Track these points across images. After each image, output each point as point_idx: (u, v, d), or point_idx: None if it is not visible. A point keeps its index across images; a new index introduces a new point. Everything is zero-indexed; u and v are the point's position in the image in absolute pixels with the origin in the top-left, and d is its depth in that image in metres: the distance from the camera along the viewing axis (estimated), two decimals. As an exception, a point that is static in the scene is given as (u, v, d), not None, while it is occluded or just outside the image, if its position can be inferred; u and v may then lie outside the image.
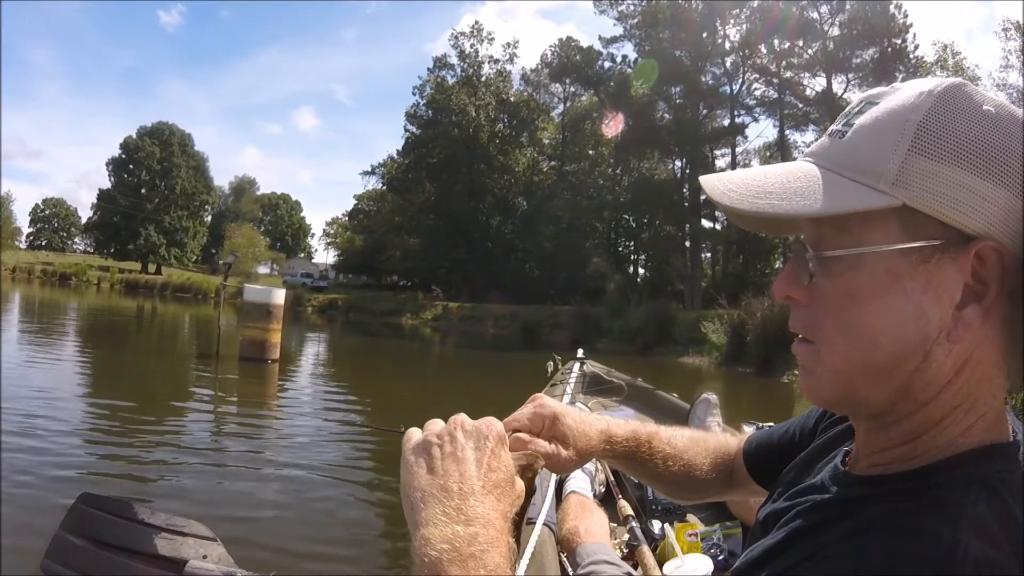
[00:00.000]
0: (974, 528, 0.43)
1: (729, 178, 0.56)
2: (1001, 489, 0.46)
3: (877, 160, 0.48)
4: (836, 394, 0.53)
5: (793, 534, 0.53)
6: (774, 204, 0.51)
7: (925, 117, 0.48)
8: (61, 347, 13.32)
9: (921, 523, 0.45)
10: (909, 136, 0.48)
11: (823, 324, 0.52)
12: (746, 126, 38.17)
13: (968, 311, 0.47)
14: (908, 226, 0.48)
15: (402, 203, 47.93)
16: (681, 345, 22.23)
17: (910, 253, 0.48)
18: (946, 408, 0.50)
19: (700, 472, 0.88)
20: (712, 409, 3.31)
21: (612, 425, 0.83)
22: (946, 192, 0.46)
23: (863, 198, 0.48)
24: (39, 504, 4.08)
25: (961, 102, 0.48)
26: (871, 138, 0.50)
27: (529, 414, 0.78)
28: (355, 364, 16.55)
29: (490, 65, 47.17)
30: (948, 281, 0.47)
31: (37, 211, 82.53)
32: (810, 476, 0.65)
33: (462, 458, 0.58)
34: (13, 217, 76.46)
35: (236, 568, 2.54)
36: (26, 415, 6.34)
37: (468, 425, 0.62)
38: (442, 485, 0.56)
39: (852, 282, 0.49)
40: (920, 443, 0.51)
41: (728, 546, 2.08)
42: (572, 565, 1.83)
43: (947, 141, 0.47)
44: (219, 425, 7.25)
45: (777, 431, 0.84)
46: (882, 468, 0.53)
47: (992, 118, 0.48)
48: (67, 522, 2.54)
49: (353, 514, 4.75)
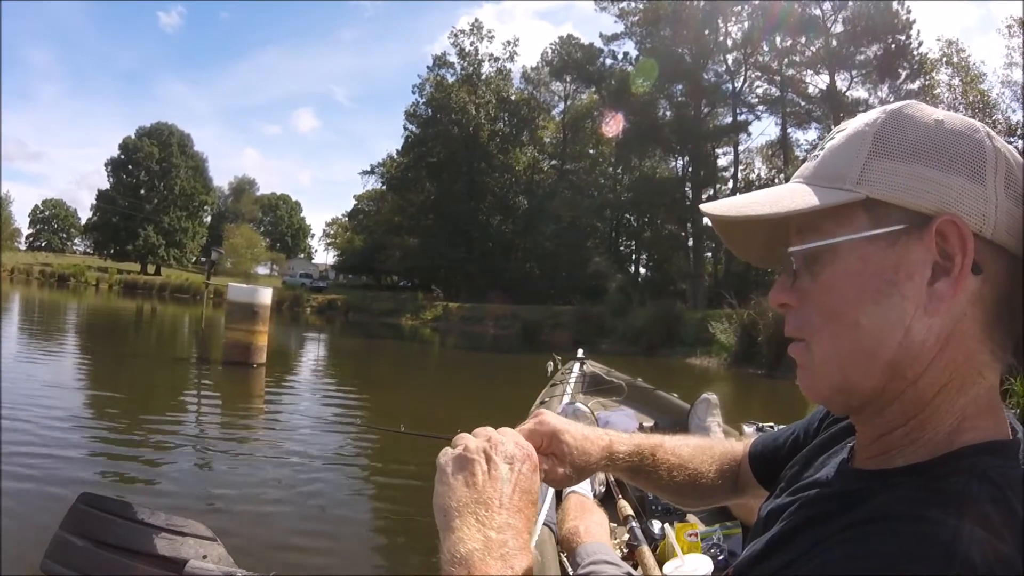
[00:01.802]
0: (976, 519, 0.44)
1: (729, 200, 0.62)
2: (1002, 483, 0.47)
3: (843, 167, 0.55)
4: (829, 384, 0.56)
5: (795, 527, 0.55)
6: (755, 208, 0.57)
7: (880, 128, 0.55)
8: (58, 347, 13.31)
9: (923, 514, 0.45)
10: (868, 143, 0.55)
11: (811, 320, 0.57)
12: (749, 123, 38.14)
13: (939, 284, 0.52)
14: (873, 216, 0.53)
15: (402, 203, 47.80)
16: (688, 346, 21.86)
17: (878, 239, 0.53)
18: (935, 384, 0.53)
19: (706, 480, 0.89)
20: (712, 409, 3.31)
21: (615, 441, 0.85)
22: (903, 183, 0.53)
23: (831, 196, 0.55)
24: (39, 504, 4.07)
25: (911, 113, 0.55)
26: (838, 151, 0.57)
27: (528, 430, 0.80)
28: (352, 366, 16.20)
29: (490, 63, 47.19)
30: (917, 261, 0.52)
31: (37, 212, 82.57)
32: (812, 471, 0.66)
33: (496, 477, 0.64)
34: (12, 218, 76.63)
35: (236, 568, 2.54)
36: (26, 415, 6.34)
37: (503, 447, 0.67)
38: (477, 499, 0.61)
39: (832, 275, 0.55)
40: (917, 424, 0.54)
41: (728, 546, 2.08)
42: (572, 565, 1.83)
43: (901, 143, 0.54)
44: (216, 426, 7.24)
45: (782, 434, 0.85)
46: (884, 460, 0.55)
47: (939, 122, 0.54)
48: (67, 522, 2.54)
49: (353, 514, 4.75)
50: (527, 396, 4.87)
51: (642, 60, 37.73)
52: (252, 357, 11.14)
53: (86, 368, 11.24)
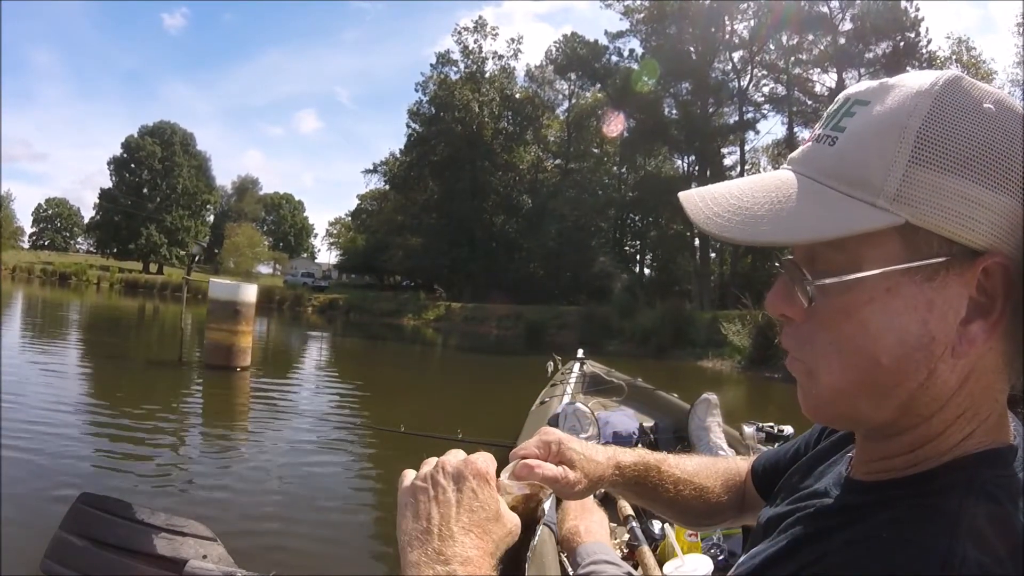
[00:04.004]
0: (971, 536, 0.43)
1: (712, 197, 0.52)
2: (999, 495, 0.45)
3: (875, 173, 0.45)
4: (835, 412, 0.52)
5: (794, 541, 0.53)
6: (765, 232, 0.47)
7: (924, 123, 0.45)
8: (57, 347, 13.33)
9: (919, 533, 0.44)
10: (909, 145, 0.45)
11: (818, 341, 0.50)
12: (757, 121, 37.86)
13: (974, 327, 0.45)
14: (911, 244, 0.45)
15: (404, 202, 47.68)
16: (699, 347, 21.27)
17: (914, 272, 0.45)
18: (949, 420, 0.49)
19: (712, 495, 0.87)
20: (712, 409, 3.30)
21: (618, 452, 0.83)
22: (950, 206, 0.44)
23: (863, 218, 0.45)
24: (39, 504, 4.08)
25: (960, 101, 0.45)
26: (866, 147, 0.46)
27: (535, 442, 0.77)
28: (350, 368, 15.87)
29: (494, 61, 46.94)
30: (953, 297, 0.45)
31: (40, 211, 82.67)
32: (812, 480, 0.65)
33: (442, 500, 0.59)
34: (14, 217, 76.76)
35: (236, 568, 2.55)
36: (26, 415, 6.35)
37: (449, 467, 0.62)
38: (424, 529, 0.58)
39: (851, 303, 0.47)
40: (921, 452, 0.50)
41: (728, 546, 2.08)
42: (572, 565, 1.83)
43: (949, 149, 0.44)
44: (216, 427, 7.25)
45: (784, 450, 0.83)
46: (883, 475, 0.52)
47: (992, 118, 0.45)
48: (67, 522, 2.55)
49: (353, 514, 4.76)
50: (532, 399, 4.87)
51: (645, 60, 37.66)
52: (235, 360, 10.40)
53: (85, 368, 11.23)
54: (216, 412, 8.09)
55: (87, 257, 67.97)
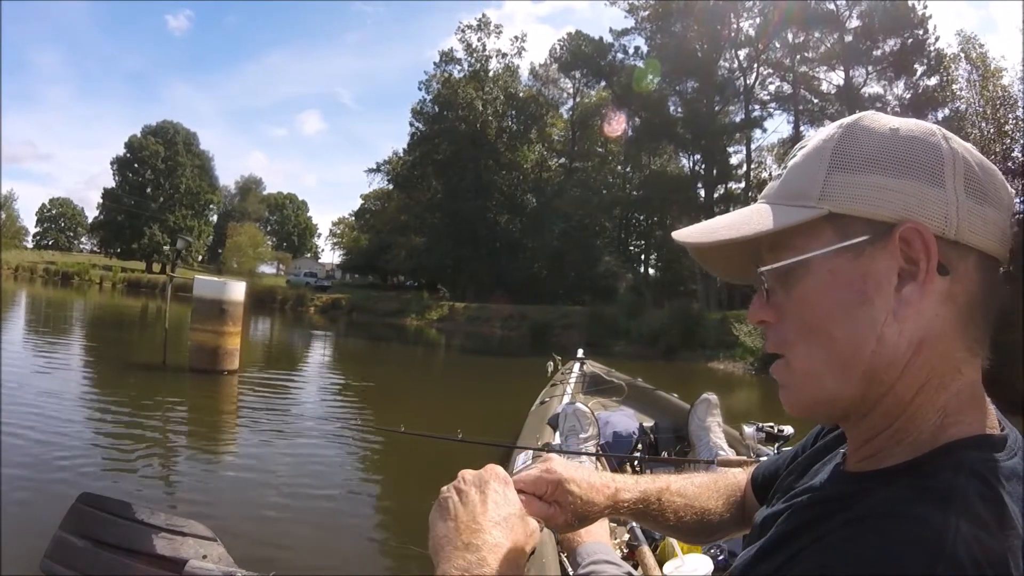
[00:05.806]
0: (964, 515, 0.46)
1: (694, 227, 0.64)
2: (990, 478, 0.49)
3: (807, 185, 0.57)
4: (809, 397, 0.58)
5: (790, 529, 0.56)
6: (720, 233, 0.59)
7: (838, 143, 0.57)
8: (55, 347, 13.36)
9: (912, 509, 0.47)
10: (827, 158, 0.56)
11: (788, 336, 0.58)
12: (763, 120, 37.72)
13: (907, 290, 0.53)
14: (840, 230, 0.55)
15: (408, 201, 47.60)
16: (709, 349, 21.15)
17: (845, 251, 0.54)
18: (913, 386, 0.54)
19: (714, 516, 0.89)
20: (712, 409, 3.29)
21: (621, 489, 0.85)
22: (863, 194, 0.54)
23: (796, 214, 0.56)
24: (39, 504, 4.08)
25: (867, 124, 0.57)
26: (799, 169, 0.59)
27: (534, 477, 0.80)
28: (352, 368, 15.66)
29: (498, 59, 46.75)
30: (884, 268, 0.53)
31: (44, 211, 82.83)
32: (807, 479, 0.67)
33: (467, 501, 0.68)
34: (17, 216, 76.99)
35: (236, 568, 2.54)
36: (26, 415, 6.37)
37: (469, 475, 0.71)
38: (453, 527, 0.66)
39: (804, 290, 0.57)
40: (900, 425, 0.55)
41: (728, 546, 2.07)
42: (572, 565, 1.83)
43: (858, 155, 0.55)
44: (216, 428, 7.26)
45: (782, 457, 0.85)
46: (874, 462, 0.56)
47: (894, 130, 0.55)
48: (67, 522, 2.54)
49: (353, 514, 4.76)
50: (533, 399, 4.86)
51: (647, 60, 37.57)
52: (221, 363, 9.85)
53: (86, 368, 11.30)
54: (214, 413, 8.08)
55: (90, 257, 68.17)
